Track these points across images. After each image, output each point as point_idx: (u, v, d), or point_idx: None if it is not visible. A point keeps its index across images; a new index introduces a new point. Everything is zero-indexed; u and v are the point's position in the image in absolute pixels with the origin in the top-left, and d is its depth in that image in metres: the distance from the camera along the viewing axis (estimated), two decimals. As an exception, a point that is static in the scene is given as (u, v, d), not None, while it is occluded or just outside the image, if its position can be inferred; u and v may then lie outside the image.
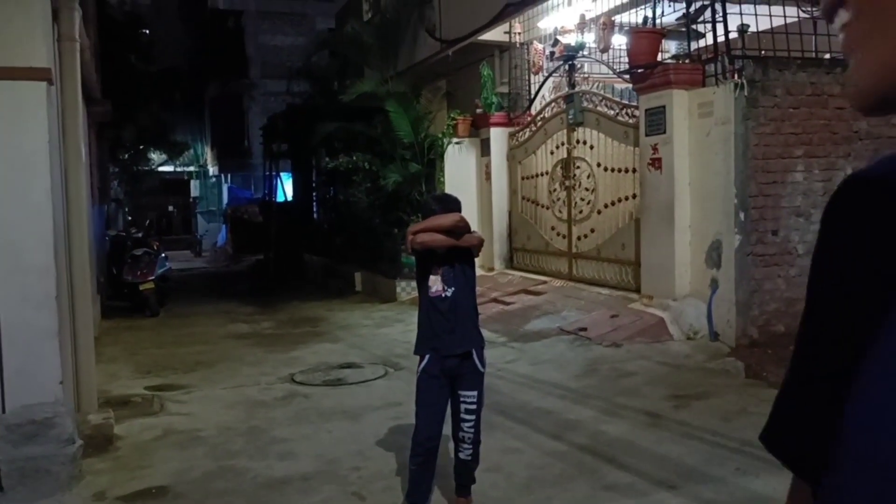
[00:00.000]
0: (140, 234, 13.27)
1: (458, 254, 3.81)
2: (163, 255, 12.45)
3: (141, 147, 23.66)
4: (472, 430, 3.83)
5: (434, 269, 3.80)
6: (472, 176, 11.64)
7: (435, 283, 3.80)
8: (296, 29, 27.43)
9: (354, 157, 12.20)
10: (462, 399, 3.81)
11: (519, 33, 11.08)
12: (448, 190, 11.43)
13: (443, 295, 3.79)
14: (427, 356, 3.79)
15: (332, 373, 7.27)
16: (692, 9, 7.80)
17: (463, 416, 3.81)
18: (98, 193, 11.73)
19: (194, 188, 32.43)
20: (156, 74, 22.39)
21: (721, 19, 7.43)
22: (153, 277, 11.36)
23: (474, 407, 3.82)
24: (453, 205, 3.91)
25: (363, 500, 4.21)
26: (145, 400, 6.37)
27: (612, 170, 9.07)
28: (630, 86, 8.74)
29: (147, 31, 23.69)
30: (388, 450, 4.97)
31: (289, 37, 27.25)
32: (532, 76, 10.97)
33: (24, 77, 4.34)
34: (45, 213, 4.50)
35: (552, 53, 9.98)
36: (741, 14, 7.50)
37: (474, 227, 11.06)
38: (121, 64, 16.70)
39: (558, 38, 9.88)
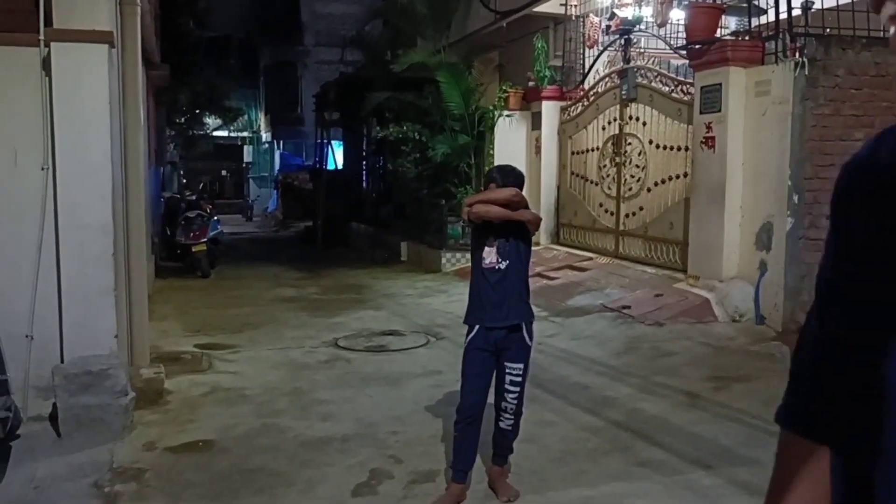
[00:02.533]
0: (194, 197, 13.55)
1: (515, 228, 3.83)
2: (215, 218, 12.71)
3: (196, 111, 24.02)
4: (515, 402, 3.88)
5: (489, 241, 3.83)
6: (522, 149, 11.59)
7: (489, 255, 3.83)
8: (350, -3, 27.42)
9: (404, 127, 12.24)
10: (508, 370, 3.85)
11: (575, 5, 10.93)
12: (497, 163, 11.42)
13: (496, 267, 3.82)
14: (476, 327, 3.85)
15: (374, 339, 7.40)
16: (755, -16, 7.61)
17: (507, 387, 3.86)
18: (154, 156, 12.00)
19: (247, 153, 32.87)
20: (212, 40, 22.66)
21: (784, -5, 7.23)
22: (205, 239, 11.63)
23: (519, 379, 3.86)
24: (514, 178, 3.93)
25: (400, 463, 4.31)
26: (194, 357, 6.58)
27: (664, 147, 8.95)
28: (686, 62, 8.59)
29: (205, -3, 23.95)
30: (427, 416, 5.07)
31: (343, 4, 27.24)
32: (586, 50, 10.83)
33: (86, 39, 4.49)
34: (105, 173, 4.66)
35: (608, 27, 9.83)
36: (805, -10, 7.28)
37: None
38: (179, 29, 16.95)
39: (615, 11, 9.72)
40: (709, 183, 7.75)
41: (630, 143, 9.62)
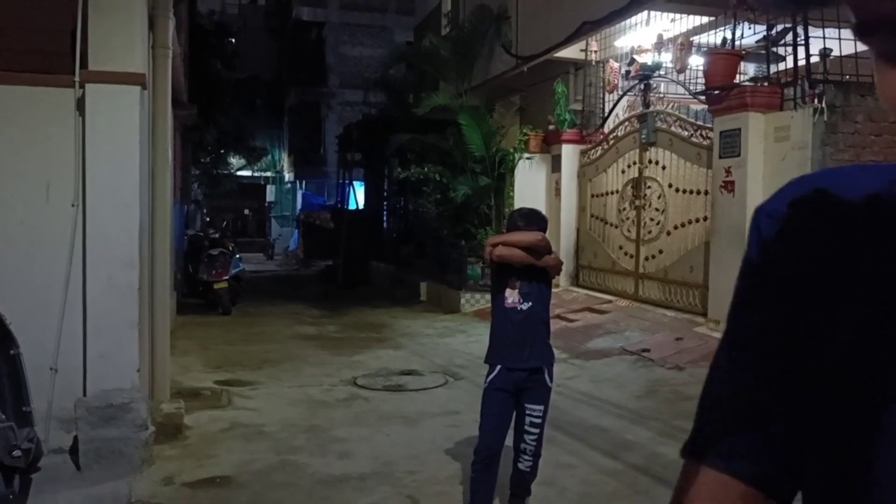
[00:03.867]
0: (217, 235, 13.72)
1: (537, 270, 3.85)
2: (237, 256, 12.86)
3: (221, 151, 24.45)
4: (535, 443, 3.87)
5: (511, 282, 3.85)
6: (542, 191, 11.68)
7: (511, 296, 3.85)
8: (375, 41, 27.95)
9: (426, 169, 12.39)
10: (528, 412, 3.85)
11: (595, 51, 11.09)
12: (517, 204, 11.50)
13: (518, 308, 3.84)
14: (497, 368, 3.86)
15: (393, 378, 7.41)
16: (774, 31, 7.70)
17: (527, 428, 3.86)
18: (179, 194, 12.21)
19: (270, 193, 33.28)
20: (239, 81, 23.15)
21: (803, 42, 7.32)
22: (227, 277, 11.75)
23: (539, 420, 3.86)
24: (538, 222, 3.96)
25: (417, 502, 4.30)
26: (214, 393, 6.62)
27: (684, 191, 8.98)
28: (705, 107, 8.67)
29: (233, 40, 24.54)
30: (444, 456, 5.06)
31: (367, 48, 27.79)
32: (606, 94, 10.96)
33: (120, 81, 4.63)
34: (133, 210, 4.77)
35: (628, 72, 9.97)
36: (824, 38, 7.36)
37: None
38: (207, 70, 17.35)
39: (634, 56, 9.86)
40: (729, 226, 7.76)
41: (650, 187, 9.67)
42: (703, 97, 8.46)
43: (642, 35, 10.07)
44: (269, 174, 32.73)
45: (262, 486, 4.53)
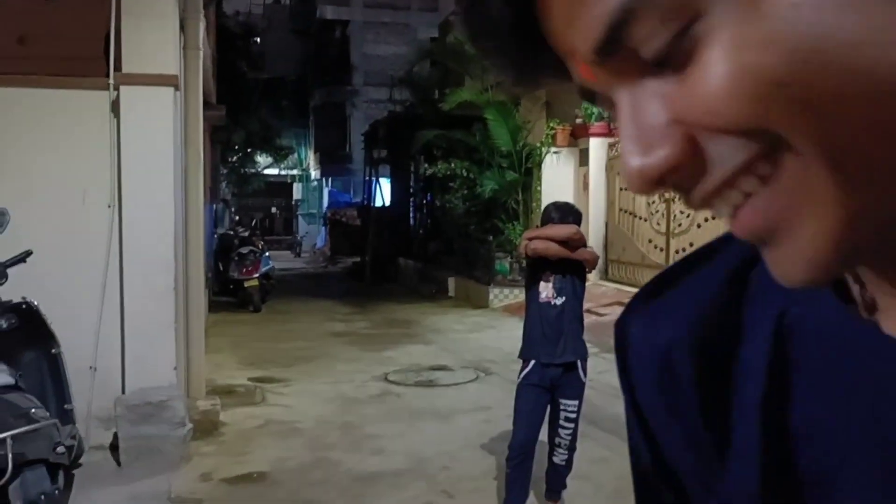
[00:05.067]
0: (246, 234, 13.86)
1: (571, 265, 3.84)
2: (266, 254, 12.97)
3: (249, 150, 24.64)
4: (570, 437, 3.87)
5: (545, 277, 3.85)
6: (570, 186, 11.63)
7: (545, 290, 3.85)
8: (399, 38, 27.98)
9: (452, 165, 12.38)
10: (563, 407, 3.85)
11: (622, 44, 11.00)
12: (545, 199, 11.46)
13: (552, 303, 3.83)
14: (531, 363, 3.86)
15: (423, 374, 7.43)
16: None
17: (562, 423, 3.86)
18: (209, 193, 12.33)
19: (297, 191, 33.52)
20: (265, 81, 23.31)
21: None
22: (257, 275, 11.87)
23: (574, 415, 3.86)
24: (572, 216, 3.95)
25: (452, 498, 4.32)
26: (248, 390, 6.69)
27: (714, 183, 8.90)
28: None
29: (258, 40, 24.71)
30: (478, 452, 5.07)
31: (392, 46, 27.81)
32: (634, 87, 10.87)
33: (153, 83, 4.70)
34: (168, 211, 4.84)
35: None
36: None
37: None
38: (234, 71, 17.49)
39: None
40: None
41: (679, 179, 9.58)
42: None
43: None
44: (295, 172, 32.95)
45: (297, 482, 4.57)
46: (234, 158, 24.08)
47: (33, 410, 3.44)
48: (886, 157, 0.32)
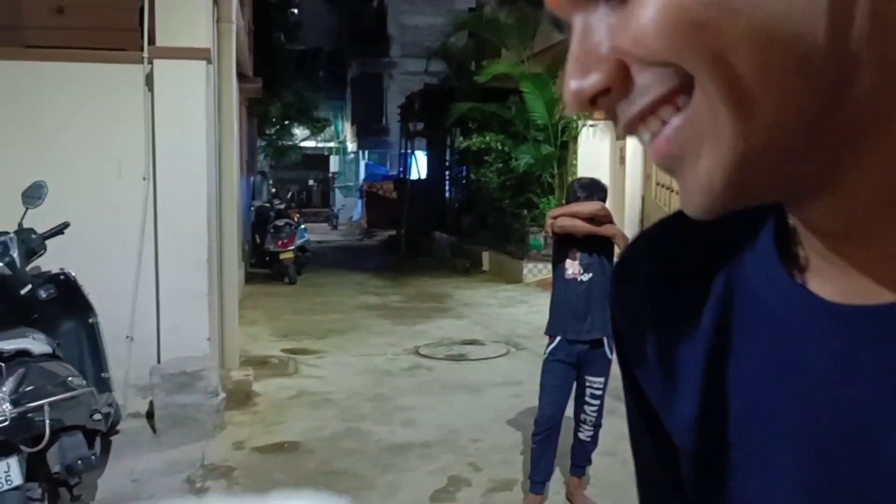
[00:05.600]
0: (282, 206, 13.96)
1: (598, 242, 3.80)
2: (302, 226, 13.06)
3: (286, 123, 24.75)
4: (595, 414, 3.86)
5: (572, 254, 3.82)
6: (606, 159, 11.50)
7: (571, 267, 3.82)
8: (436, 9, 27.70)
9: (487, 138, 12.30)
10: (588, 384, 3.84)
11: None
12: (581, 173, 11.35)
13: (579, 279, 3.80)
14: (557, 339, 3.85)
15: (455, 348, 7.46)
16: None
17: (588, 399, 3.85)
18: (246, 166, 12.44)
19: (334, 163, 33.64)
20: (303, 53, 23.33)
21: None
22: (293, 247, 11.97)
23: (600, 392, 3.85)
24: (598, 192, 3.91)
25: (480, 471, 4.35)
26: (282, 362, 6.79)
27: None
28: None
29: (296, 12, 24.69)
30: (507, 425, 5.09)
31: (429, 17, 27.57)
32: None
33: (186, 56, 4.73)
34: (201, 183, 4.89)
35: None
36: None
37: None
38: (271, 43, 17.53)
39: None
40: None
41: (718, 153, 9.42)
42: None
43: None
44: (332, 145, 33.04)
45: (329, 452, 4.64)
46: (272, 131, 24.21)
47: (70, 378, 3.52)
48: (775, 100, 0.36)
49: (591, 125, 11.43)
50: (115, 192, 4.91)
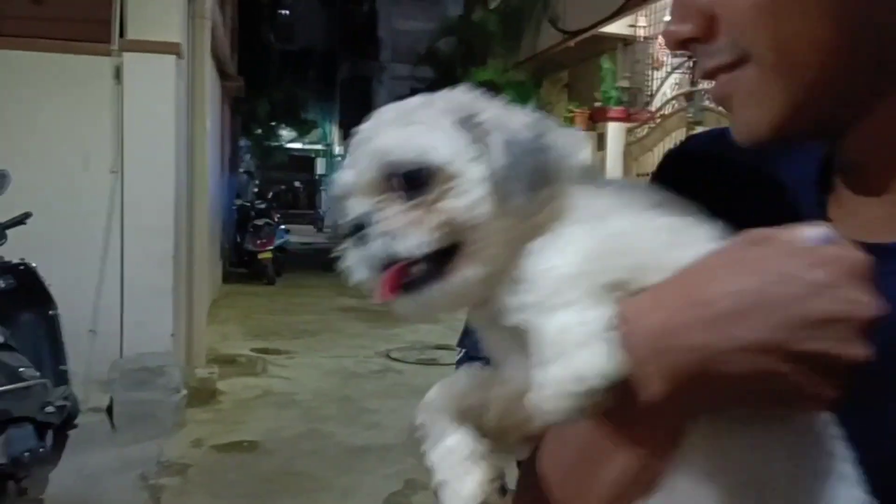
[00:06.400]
0: (263, 206, 13.90)
1: None
2: (282, 226, 13.01)
3: (273, 123, 24.67)
4: None
5: None
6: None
7: None
8: (426, 14, 27.69)
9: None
10: None
11: (644, 27, 10.84)
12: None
13: None
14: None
15: (426, 352, 7.44)
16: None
17: None
18: (227, 164, 12.38)
19: (320, 166, 33.57)
20: (292, 53, 23.27)
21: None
22: (272, 247, 11.91)
23: None
24: None
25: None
26: (250, 361, 6.75)
27: (731, 171, 8.77)
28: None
29: (287, 12, 24.66)
30: (470, 431, 5.08)
31: (419, 21, 27.56)
32: (654, 71, 10.72)
33: (157, 50, 4.71)
34: (169, 178, 4.87)
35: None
36: None
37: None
38: (259, 42, 17.48)
39: (685, 33, 9.61)
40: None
41: (697, 166, 9.46)
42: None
43: (694, 10, 9.78)
44: (319, 147, 32.98)
45: (288, 453, 4.61)
46: (259, 130, 24.14)
47: (22, 369, 3.48)
48: (820, 69, 0.52)
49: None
50: (81, 184, 4.88)
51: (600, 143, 11.30)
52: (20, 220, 4.15)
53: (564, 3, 11.54)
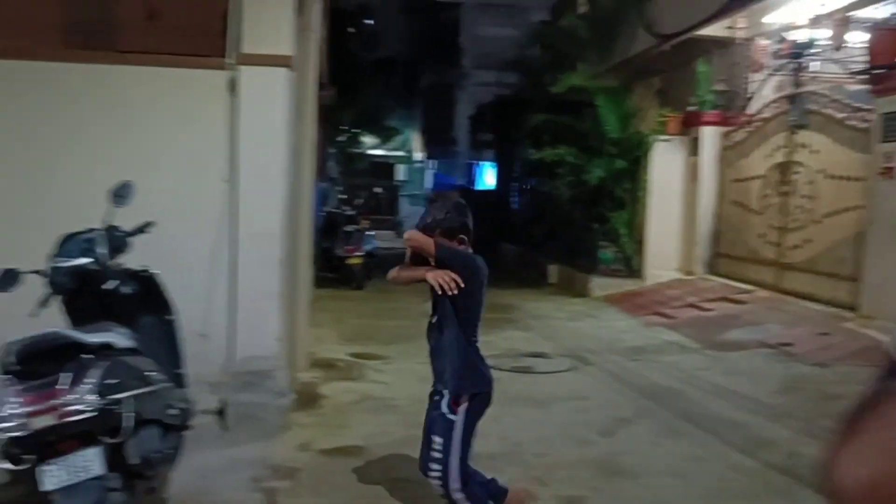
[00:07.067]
0: (352, 212, 14.11)
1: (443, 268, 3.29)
2: (371, 233, 13.20)
3: (356, 131, 25.07)
4: (438, 481, 3.47)
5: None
6: (678, 175, 11.28)
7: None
8: (509, 21, 27.73)
9: (561, 150, 12.22)
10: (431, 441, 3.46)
11: (742, 28, 10.55)
12: (653, 189, 11.17)
13: (431, 321, 3.49)
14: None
15: (521, 360, 7.41)
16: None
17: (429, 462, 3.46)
18: (317, 172, 12.62)
19: (400, 172, 33.91)
20: (376, 62, 23.63)
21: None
22: (361, 253, 12.10)
23: (440, 456, 3.42)
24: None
25: (545, 486, 4.29)
26: (347, 365, 6.85)
27: (836, 177, 8.43)
28: (862, 88, 8.08)
29: (372, 22, 25.04)
30: (572, 441, 5.03)
31: (502, 28, 27.63)
32: (752, 74, 10.41)
33: (270, 63, 4.83)
34: (279, 186, 5.00)
35: (777, 50, 9.42)
36: None
37: (676, 229, 10.64)
38: (346, 51, 17.81)
39: (784, 34, 9.30)
40: (888, 216, 7.22)
41: (797, 172, 9.14)
42: (863, 76, 7.89)
43: (794, 10, 9.47)
44: (400, 153, 33.32)
45: (392, 458, 4.65)
46: (343, 138, 24.56)
47: (150, 373, 3.62)
48: None
49: (665, 140, 11.24)
50: (195, 193, 5.05)
51: (694, 148, 11.06)
52: (143, 229, 4.33)
53: (659, 7, 11.33)
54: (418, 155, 33.16)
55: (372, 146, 29.64)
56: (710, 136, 10.84)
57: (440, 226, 3.34)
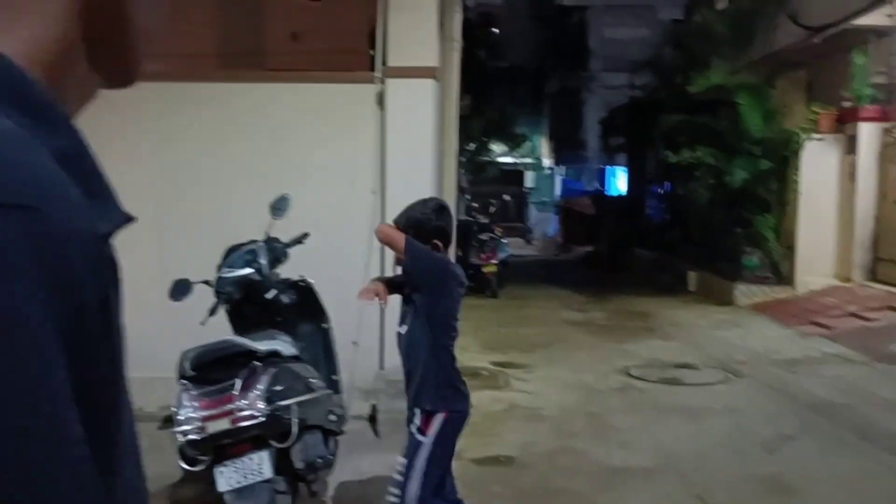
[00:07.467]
0: (486, 220, 14.17)
1: (412, 281, 3.17)
2: (505, 241, 13.20)
3: (485, 139, 25.20)
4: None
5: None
6: (833, 176, 10.60)
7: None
8: (638, 21, 27.10)
9: (698, 152, 11.76)
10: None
11: (903, 15, 9.80)
12: (804, 190, 10.57)
13: (399, 332, 3.29)
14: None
15: (667, 371, 7.16)
16: None
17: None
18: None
19: (529, 179, 33.80)
20: (502, 70, 23.68)
21: None
22: (496, 261, 12.11)
23: (399, 479, 3.15)
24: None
25: (707, 503, 4.11)
26: (492, 374, 6.85)
27: None
28: None
29: (497, 30, 25.13)
30: (731, 455, 4.80)
31: (631, 29, 27.02)
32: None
33: (416, 75, 4.92)
34: (426, 196, 5.04)
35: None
36: None
37: (831, 232, 9.96)
38: (475, 61, 17.94)
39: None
40: None
41: (972, 168, 8.39)
42: None
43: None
44: (528, 160, 33.22)
45: (545, 468, 4.60)
46: (472, 146, 24.75)
47: (312, 380, 3.75)
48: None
49: (818, 138, 10.58)
50: (346, 204, 5.19)
51: (850, 146, 10.36)
52: (300, 240, 4.49)
53: (804, -3, 10.69)
54: (547, 161, 32.94)
55: (501, 154, 29.73)
56: (869, 134, 10.12)
57: (416, 226, 3.16)
